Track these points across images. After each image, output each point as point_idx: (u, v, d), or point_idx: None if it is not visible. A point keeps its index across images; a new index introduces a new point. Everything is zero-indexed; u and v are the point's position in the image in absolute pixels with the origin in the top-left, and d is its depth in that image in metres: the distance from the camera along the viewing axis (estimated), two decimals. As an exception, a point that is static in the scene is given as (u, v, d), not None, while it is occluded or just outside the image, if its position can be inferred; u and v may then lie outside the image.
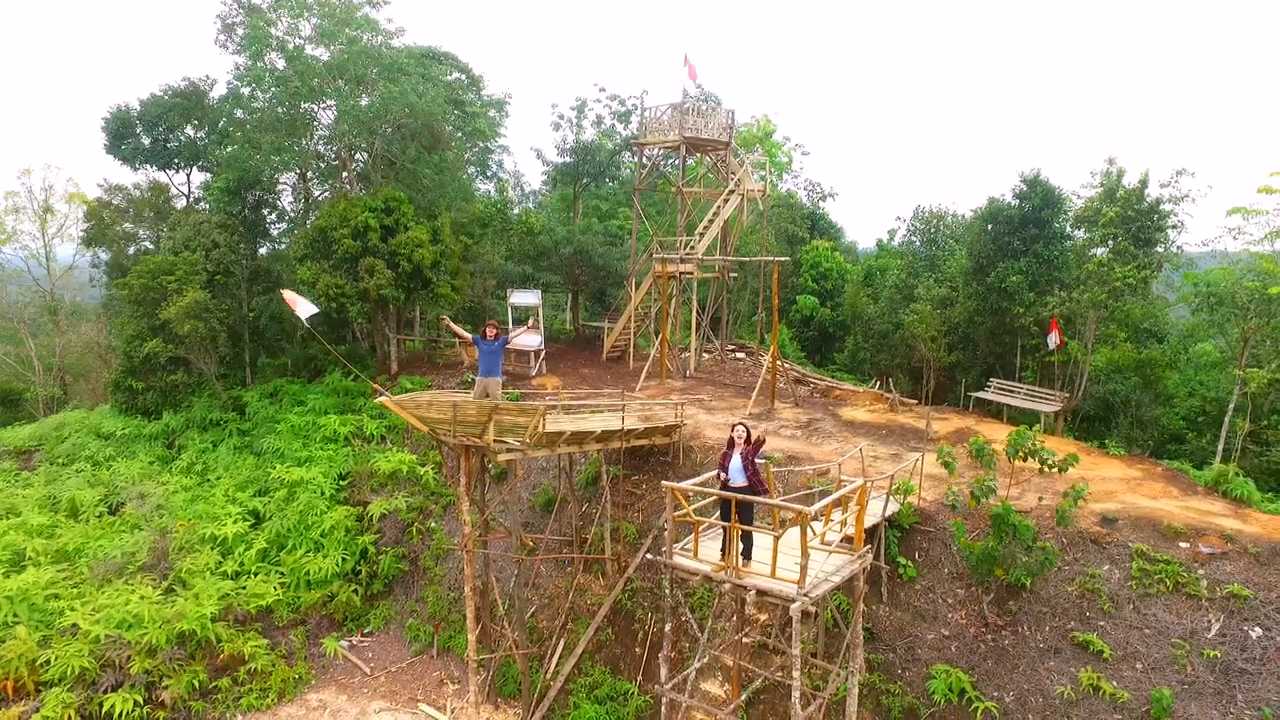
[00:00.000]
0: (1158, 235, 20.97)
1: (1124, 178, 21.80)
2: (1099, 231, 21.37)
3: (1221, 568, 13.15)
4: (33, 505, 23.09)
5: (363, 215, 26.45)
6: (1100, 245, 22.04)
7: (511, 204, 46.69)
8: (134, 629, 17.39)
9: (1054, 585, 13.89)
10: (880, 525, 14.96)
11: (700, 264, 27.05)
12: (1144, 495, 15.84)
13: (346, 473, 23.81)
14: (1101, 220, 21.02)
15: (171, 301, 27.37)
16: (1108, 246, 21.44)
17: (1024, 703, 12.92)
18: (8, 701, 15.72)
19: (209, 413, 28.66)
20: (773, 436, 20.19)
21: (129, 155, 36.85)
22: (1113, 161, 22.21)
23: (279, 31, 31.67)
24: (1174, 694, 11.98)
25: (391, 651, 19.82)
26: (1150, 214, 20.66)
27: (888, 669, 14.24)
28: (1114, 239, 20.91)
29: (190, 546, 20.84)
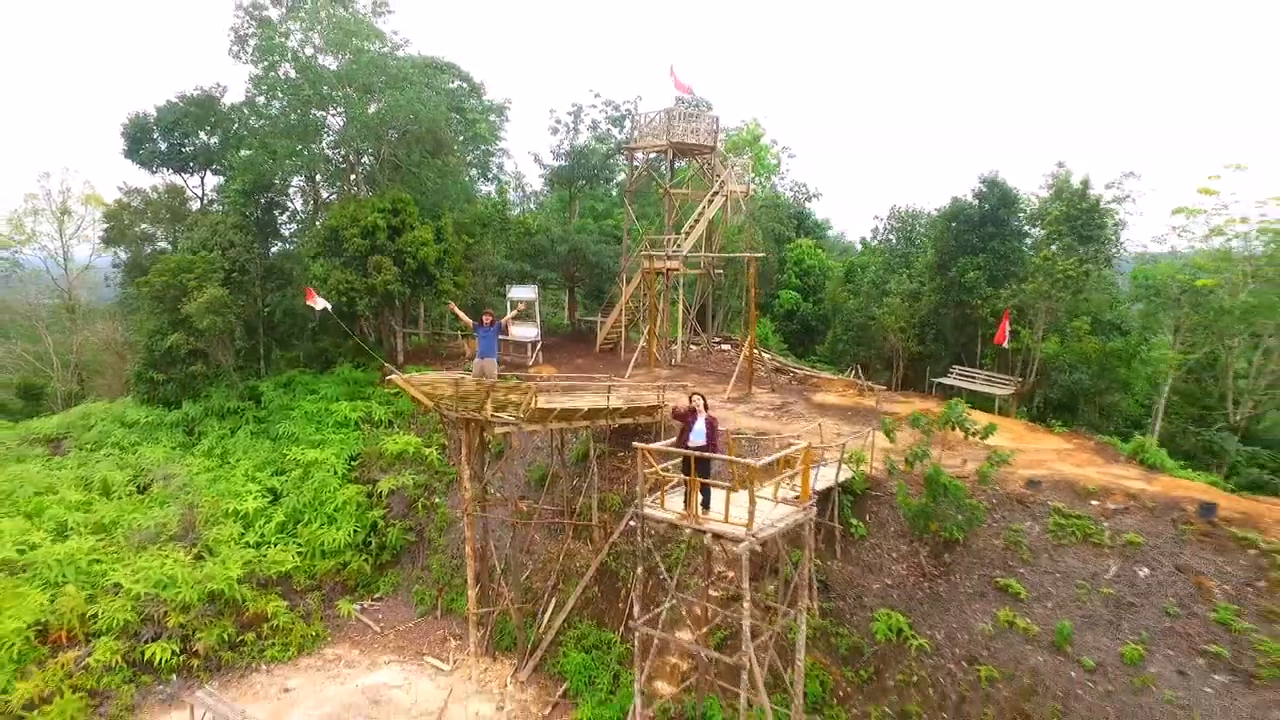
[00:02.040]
0: (1098, 232, 22.97)
1: (1071, 180, 23.84)
2: (1047, 229, 23.40)
3: (1123, 520, 15.20)
4: (68, 484, 25.22)
5: (371, 216, 28.58)
6: (1049, 242, 24.06)
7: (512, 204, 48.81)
8: (169, 588, 19.56)
9: (983, 539, 15.93)
10: (834, 490, 17.03)
11: (686, 261, 29.11)
12: (1070, 464, 17.88)
13: (357, 454, 25.94)
14: (1047, 218, 23.06)
15: (192, 297, 29.47)
16: (1055, 243, 23.45)
17: (952, 639, 14.97)
18: (63, 648, 17.83)
19: (227, 401, 30.76)
20: (747, 417, 22.26)
21: (146, 159, 38.95)
22: (1062, 164, 24.31)
23: (292, 43, 33.77)
24: (1074, 625, 14.04)
25: (399, 614, 21.93)
26: (1091, 212, 22.69)
27: (838, 615, 16.28)
28: (1059, 236, 22.97)
29: (215, 520, 22.99)
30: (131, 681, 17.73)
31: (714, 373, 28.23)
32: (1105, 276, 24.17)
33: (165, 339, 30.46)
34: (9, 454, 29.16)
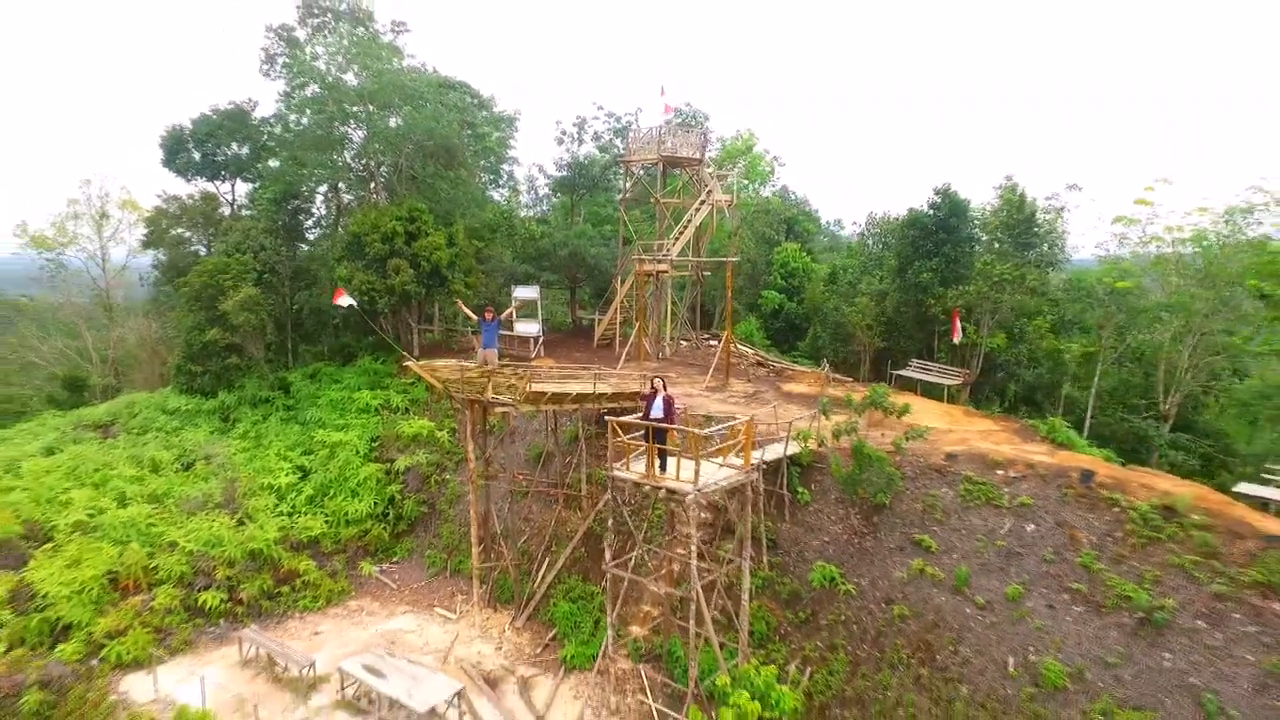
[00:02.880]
0: (1033, 239, 25.76)
1: (1016, 191, 26.68)
2: (988, 236, 26.25)
3: (1020, 486, 18.13)
4: (122, 462, 28.63)
5: (390, 223, 31.83)
6: (991, 248, 26.90)
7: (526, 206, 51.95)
8: (216, 547, 22.91)
9: (906, 503, 18.90)
10: (783, 462, 20.05)
11: (675, 264, 32.14)
12: (989, 441, 20.80)
13: (377, 436, 29.18)
14: (988, 226, 25.91)
15: (228, 296, 32.84)
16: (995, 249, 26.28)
17: (874, 585, 17.95)
18: (131, 593, 21.17)
19: (259, 391, 34.14)
20: (719, 403, 25.29)
21: (182, 169, 42.43)
22: (1010, 177, 27.11)
23: (319, 64, 37.07)
24: (971, 571, 17.00)
25: (413, 574, 25.15)
26: (1027, 222, 25.51)
27: (783, 568, 19.29)
28: (999, 242, 25.81)
29: (252, 492, 26.30)
30: (188, 622, 21.08)
31: (698, 365, 31.25)
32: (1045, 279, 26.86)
33: (204, 334, 33.79)
34: (66, 437, 32.67)
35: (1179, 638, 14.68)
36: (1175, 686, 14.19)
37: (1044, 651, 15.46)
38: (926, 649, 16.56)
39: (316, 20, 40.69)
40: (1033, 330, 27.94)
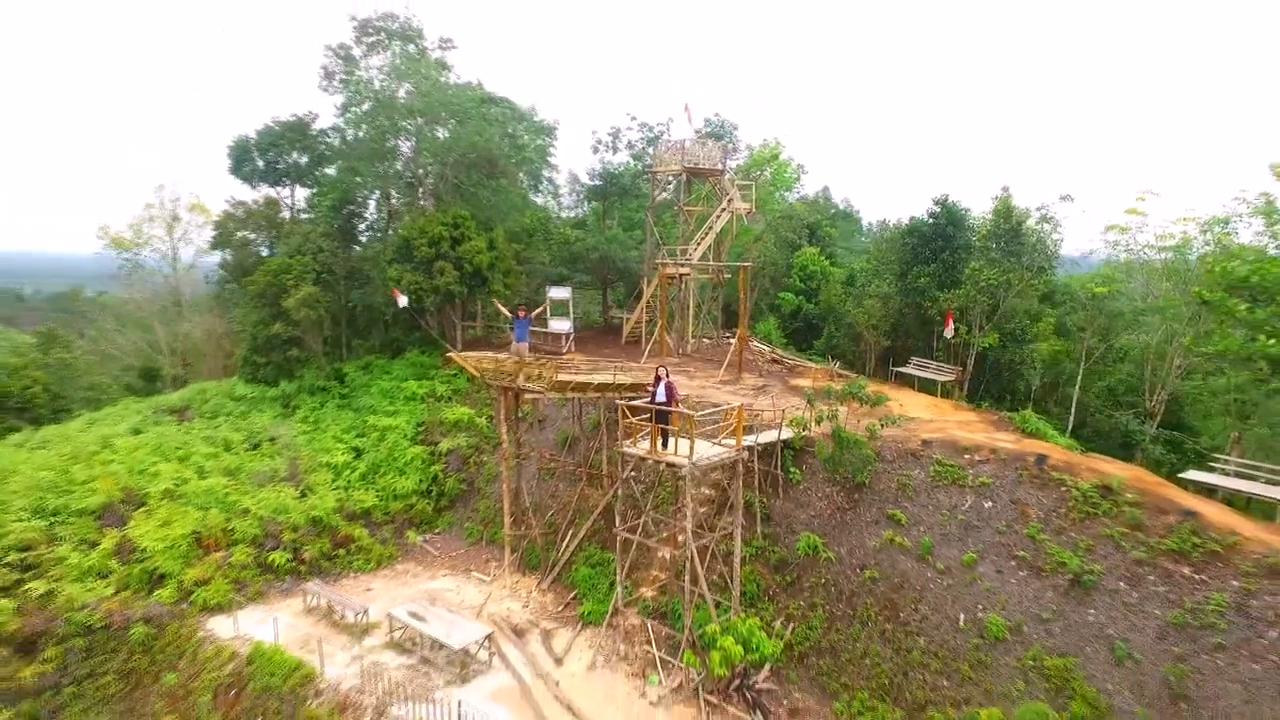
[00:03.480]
0: (1019, 247, 27.97)
1: (1010, 202, 28.91)
2: (978, 244, 28.53)
3: (982, 468, 20.61)
4: (198, 441, 32.36)
5: (436, 229, 35.14)
6: (980, 255, 29.16)
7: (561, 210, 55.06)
8: (283, 514, 26.39)
9: (883, 483, 21.48)
10: (778, 445, 22.75)
11: (696, 267, 34.91)
12: (966, 430, 23.24)
13: (422, 422, 32.51)
14: (978, 235, 28.20)
15: (290, 294, 36.46)
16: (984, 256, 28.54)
17: (851, 552, 20.58)
18: (210, 551, 24.67)
19: (316, 380, 37.75)
20: (729, 394, 28.01)
21: (248, 176, 46.38)
22: (1006, 189, 29.33)
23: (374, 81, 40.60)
24: (934, 541, 19.55)
25: (453, 543, 28.37)
26: (1013, 232, 27.74)
27: (774, 538, 22.00)
28: (988, 250, 28.09)
29: (312, 469, 29.80)
30: (260, 576, 24.54)
31: (715, 361, 33.99)
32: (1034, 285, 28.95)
33: (268, 328, 37.47)
34: (148, 420, 36.61)
35: (1103, 597, 17.11)
36: (1095, 637, 16.65)
37: (990, 609, 17.99)
38: (892, 607, 19.17)
39: (371, 39, 44.31)
40: (1033, 333, 30.15)
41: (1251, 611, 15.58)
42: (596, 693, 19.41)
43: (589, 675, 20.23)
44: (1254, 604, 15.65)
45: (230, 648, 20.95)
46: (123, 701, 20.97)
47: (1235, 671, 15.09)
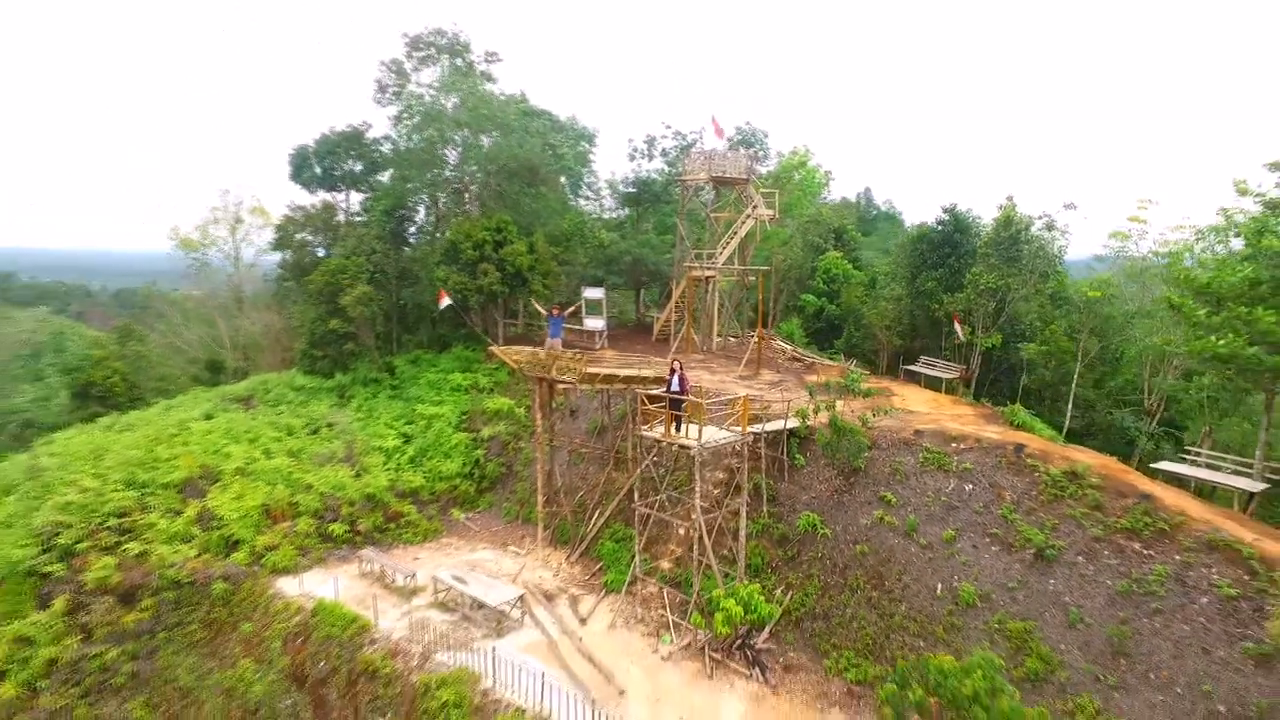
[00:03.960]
0: (1018, 254, 29.96)
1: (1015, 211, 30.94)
2: (979, 251, 30.60)
3: (966, 455, 22.87)
4: (264, 426, 35.82)
5: (480, 233, 38.21)
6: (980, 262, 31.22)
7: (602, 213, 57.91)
8: (341, 490, 29.60)
9: (877, 467, 23.85)
10: (784, 434, 25.23)
11: (721, 271, 37.43)
12: (957, 423, 25.46)
13: (466, 411, 35.57)
14: (979, 242, 30.28)
15: (346, 293, 39.81)
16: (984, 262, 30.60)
17: (846, 530, 23.00)
18: (278, 521, 27.95)
19: (369, 373, 41.09)
20: (745, 388, 30.51)
21: (306, 182, 49.98)
22: (1011, 198, 31.35)
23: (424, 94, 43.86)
24: (919, 520, 21.90)
25: (493, 521, 31.34)
26: (1012, 239, 29.76)
27: (779, 516, 24.49)
28: (987, 257, 30.15)
29: (366, 451, 33.01)
30: (321, 544, 27.77)
31: (738, 358, 36.47)
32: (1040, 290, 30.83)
33: (326, 324, 40.89)
34: (217, 407, 40.27)
35: (1063, 569, 19.34)
36: (1053, 603, 18.90)
37: (964, 579, 20.31)
38: (878, 578, 21.57)
39: (422, 54, 47.67)
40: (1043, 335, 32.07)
41: (1188, 581, 17.72)
42: (614, 648, 22.11)
43: (609, 634, 22.95)
44: (1190, 575, 17.79)
45: (297, 603, 24.14)
46: (206, 646, 24.30)
47: (1169, 632, 17.26)
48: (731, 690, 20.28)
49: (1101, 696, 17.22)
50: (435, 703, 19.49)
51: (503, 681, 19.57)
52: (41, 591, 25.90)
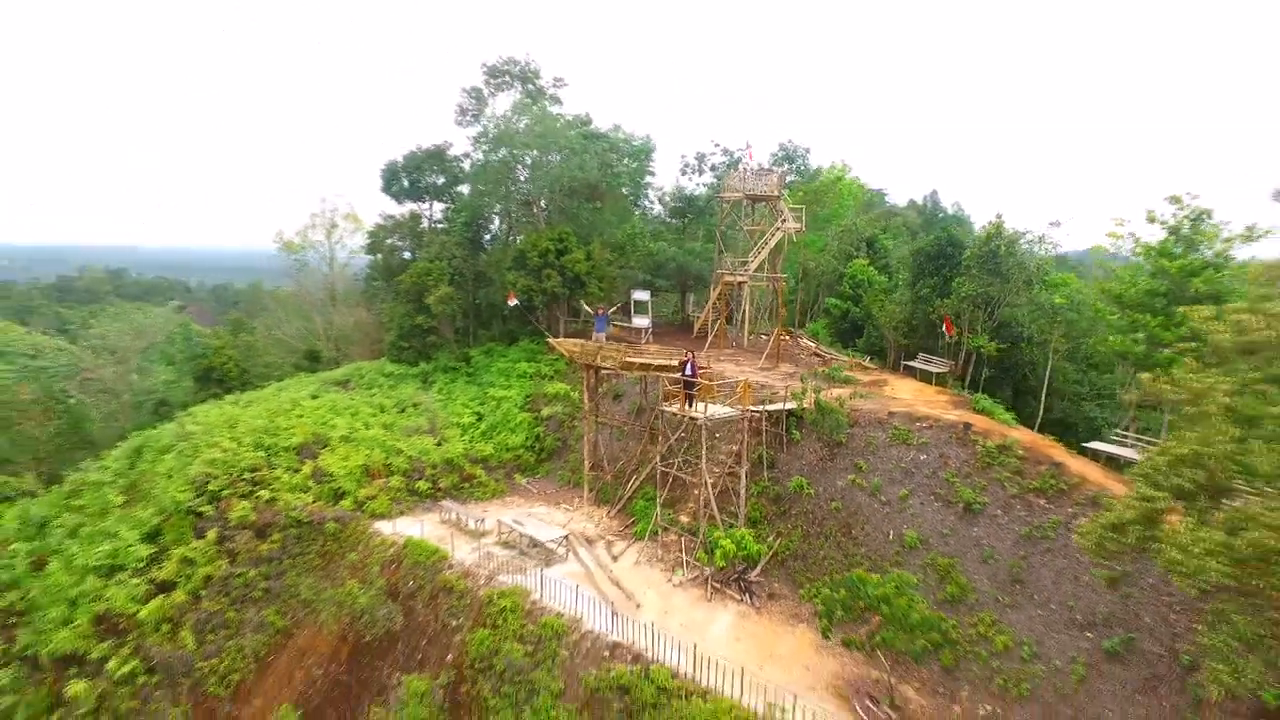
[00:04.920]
0: (997, 266, 35.07)
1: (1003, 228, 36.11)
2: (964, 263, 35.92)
3: (925, 432, 28.57)
4: (361, 405, 43.47)
5: (545, 243, 45.14)
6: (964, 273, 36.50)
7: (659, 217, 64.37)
8: (425, 455, 36.88)
9: (855, 441, 29.69)
10: (783, 414, 31.26)
11: (752, 276, 43.47)
12: (928, 407, 31.06)
13: (530, 394, 42.55)
14: (965, 255, 35.63)
15: (430, 292, 47.26)
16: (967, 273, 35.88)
17: (825, 490, 28.95)
18: (375, 478, 35.31)
19: (449, 362, 48.52)
20: (761, 376, 36.54)
21: (396, 193, 57.86)
22: (1000, 215, 36.57)
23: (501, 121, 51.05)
24: (882, 483, 27.73)
25: (549, 485, 38.17)
26: (991, 254, 34.94)
27: (776, 479, 30.55)
28: (969, 269, 35.45)
29: (446, 426, 40.27)
30: (409, 497, 35.01)
31: (763, 352, 42.49)
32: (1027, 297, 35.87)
33: (413, 319, 48.47)
34: (320, 389, 48.24)
35: (984, 519, 25.00)
36: (973, 545, 24.60)
37: (910, 528, 26.10)
38: (847, 527, 27.50)
39: (497, 80, 54.99)
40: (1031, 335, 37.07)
41: (1072, 527, 23.21)
42: (637, 579, 28.56)
43: (634, 568, 29.42)
44: (1075, 522, 23.25)
45: (391, 539, 31.34)
46: (321, 570, 31.70)
47: (1052, 565, 22.85)
48: (724, 610, 26.51)
49: (998, 612, 22.92)
50: (496, 609, 26.30)
51: (548, 595, 26.20)
52: (198, 526, 33.90)
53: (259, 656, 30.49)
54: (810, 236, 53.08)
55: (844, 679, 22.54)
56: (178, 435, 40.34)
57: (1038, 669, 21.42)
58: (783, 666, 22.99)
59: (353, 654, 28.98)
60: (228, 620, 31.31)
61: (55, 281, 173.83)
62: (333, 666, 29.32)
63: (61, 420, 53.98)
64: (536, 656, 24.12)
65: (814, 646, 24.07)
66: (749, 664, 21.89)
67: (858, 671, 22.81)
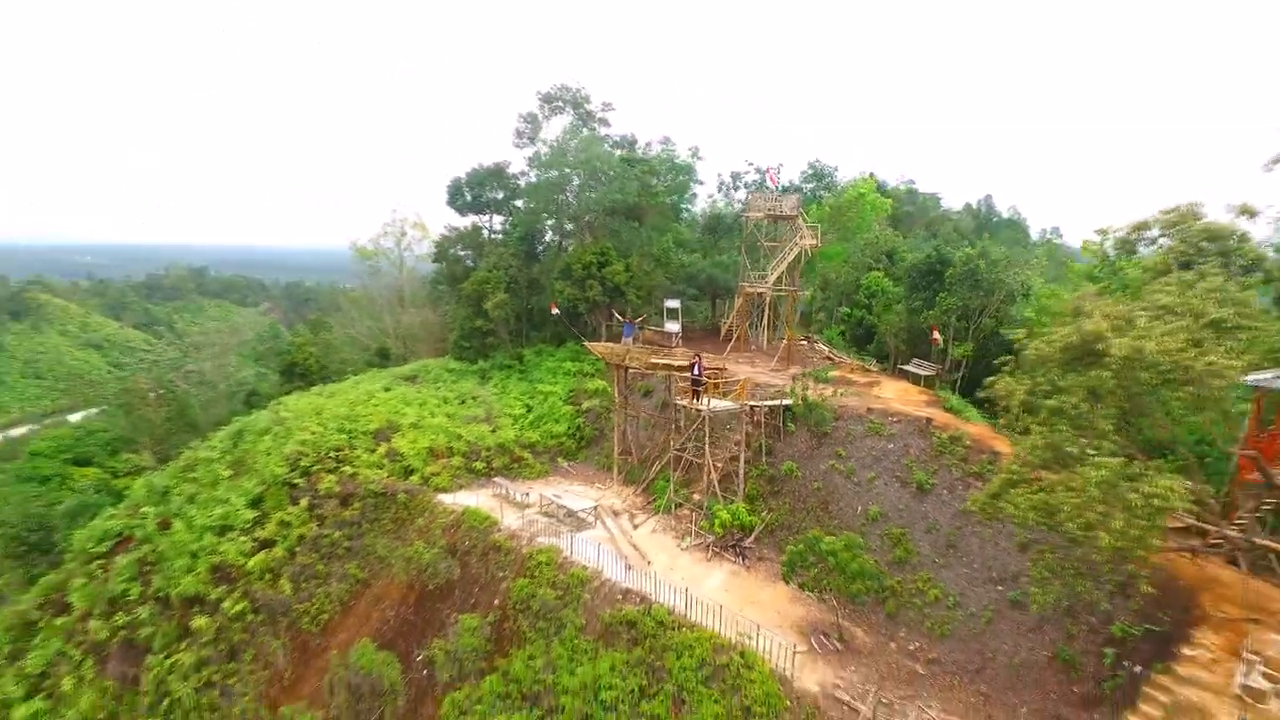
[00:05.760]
0: (977, 283, 40.38)
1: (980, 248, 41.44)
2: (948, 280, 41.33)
3: (894, 425, 34.34)
4: (428, 397, 50.75)
5: (588, 256, 51.83)
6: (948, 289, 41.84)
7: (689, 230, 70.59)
8: (482, 440, 43.90)
9: (837, 432, 35.58)
10: (780, 408, 37.31)
11: (771, 288, 49.42)
12: (903, 405, 36.73)
13: (573, 389, 49.30)
14: (948, 273, 41.04)
15: (489, 298, 54.37)
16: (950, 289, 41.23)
17: (810, 473, 34.92)
18: (439, 458, 42.40)
19: (504, 360, 55.61)
20: (769, 376, 42.53)
21: (460, 207, 65.16)
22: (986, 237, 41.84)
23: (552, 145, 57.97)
24: (856, 467, 33.63)
25: (586, 469, 44.82)
26: (973, 272, 40.26)
27: (772, 464, 36.62)
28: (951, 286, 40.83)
29: (499, 416, 47.25)
30: (467, 474, 42.03)
31: (781, 357, 48.42)
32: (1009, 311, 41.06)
33: (473, 322, 55.67)
34: (392, 383, 55.78)
35: (932, 497, 30.76)
36: (921, 518, 30.40)
37: (874, 504, 31.96)
38: (825, 504, 33.46)
39: (551, 105, 61.92)
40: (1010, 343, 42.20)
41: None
42: (652, 544, 34.96)
43: (650, 535, 35.84)
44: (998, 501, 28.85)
45: (451, 508, 38.30)
46: (393, 533, 38.83)
47: (980, 534, 28.57)
48: (720, 568, 32.74)
49: (934, 571, 28.75)
50: (534, 563, 32.97)
51: (577, 553, 32.77)
52: (292, 495, 41.37)
53: (343, 601, 37.74)
54: (836, 247, 58.69)
55: (807, 621, 28.64)
56: (272, 420, 48.16)
57: (958, 614, 27.24)
58: (760, 610, 29.15)
59: (419, 599, 35.98)
60: (318, 571, 38.68)
61: (145, 279, 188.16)
62: (402, 609, 36.38)
63: (171, 407, 62.85)
64: (565, 599, 30.68)
65: (788, 598, 30.17)
66: (732, 608, 28.13)
67: (819, 616, 28.88)
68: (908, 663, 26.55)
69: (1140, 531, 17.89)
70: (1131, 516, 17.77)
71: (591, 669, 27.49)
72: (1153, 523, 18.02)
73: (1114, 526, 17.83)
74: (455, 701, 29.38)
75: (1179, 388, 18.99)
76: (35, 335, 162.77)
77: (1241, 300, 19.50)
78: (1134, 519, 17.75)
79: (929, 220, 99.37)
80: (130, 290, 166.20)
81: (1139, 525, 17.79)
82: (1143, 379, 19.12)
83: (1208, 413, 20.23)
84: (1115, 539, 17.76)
